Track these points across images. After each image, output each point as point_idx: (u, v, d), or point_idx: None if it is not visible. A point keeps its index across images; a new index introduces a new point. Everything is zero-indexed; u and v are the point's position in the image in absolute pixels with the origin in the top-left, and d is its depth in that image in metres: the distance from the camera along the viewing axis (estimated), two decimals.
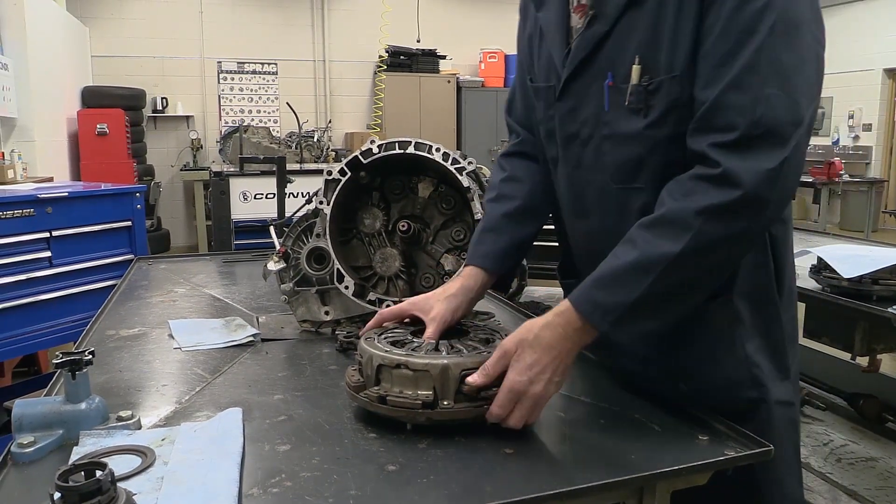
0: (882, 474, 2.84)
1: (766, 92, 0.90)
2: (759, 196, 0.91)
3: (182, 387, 1.18)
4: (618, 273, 0.96)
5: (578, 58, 1.08)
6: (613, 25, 1.03)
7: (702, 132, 0.95)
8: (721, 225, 0.93)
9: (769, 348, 1.09)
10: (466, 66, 10.13)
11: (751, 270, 1.07)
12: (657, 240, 0.95)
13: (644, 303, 0.95)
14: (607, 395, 1.13)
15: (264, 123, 8.96)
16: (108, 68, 8.51)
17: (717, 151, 0.93)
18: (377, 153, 1.44)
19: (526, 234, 1.28)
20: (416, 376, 0.96)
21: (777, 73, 0.91)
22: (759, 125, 0.90)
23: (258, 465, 0.88)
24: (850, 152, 10.48)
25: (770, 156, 0.91)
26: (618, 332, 0.97)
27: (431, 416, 0.95)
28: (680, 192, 0.96)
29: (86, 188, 3.28)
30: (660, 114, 1.00)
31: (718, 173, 0.92)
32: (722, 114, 0.93)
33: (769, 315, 1.09)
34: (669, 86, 0.99)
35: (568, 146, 1.15)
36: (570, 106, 1.12)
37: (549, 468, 0.89)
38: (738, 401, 1.07)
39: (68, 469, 0.70)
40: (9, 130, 5.72)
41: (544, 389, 0.96)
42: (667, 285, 0.95)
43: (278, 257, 1.49)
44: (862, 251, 2.27)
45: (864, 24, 10.08)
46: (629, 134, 1.04)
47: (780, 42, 0.91)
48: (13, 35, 5.70)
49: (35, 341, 2.82)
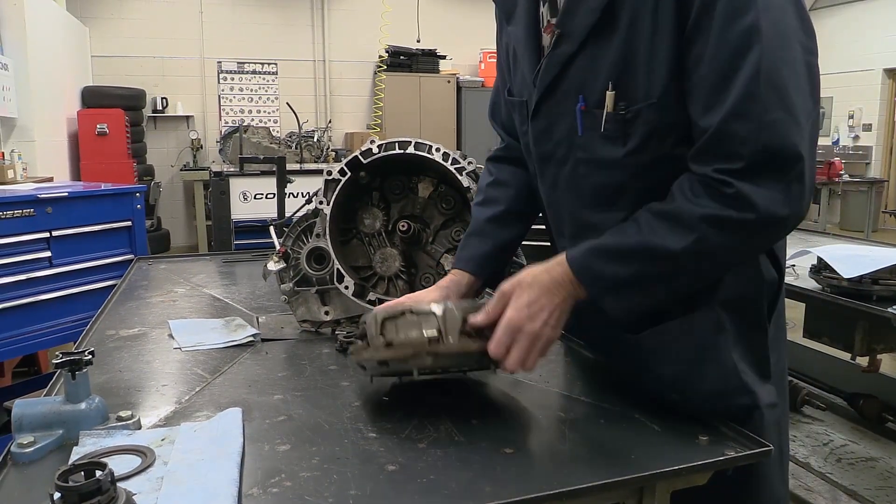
0: (882, 474, 2.84)
1: (769, 118, 0.89)
2: (773, 217, 0.92)
3: (182, 387, 1.18)
4: (618, 249, 0.99)
5: (548, 78, 1.07)
6: (580, 46, 1.02)
7: (706, 159, 0.94)
8: (725, 235, 0.94)
9: (751, 353, 1.08)
10: (466, 66, 10.12)
11: (737, 279, 1.06)
12: (662, 231, 0.96)
13: (635, 282, 0.98)
14: (607, 395, 1.13)
15: (264, 123, 8.96)
16: (108, 68, 8.51)
17: (726, 174, 0.92)
18: (377, 153, 1.44)
19: (510, 237, 1.29)
20: (420, 319, 0.98)
21: (776, 94, 0.90)
22: (766, 152, 0.90)
23: (258, 465, 0.88)
24: (850, 152, 10.48)
25: (780, 178, 0.90)
26: (606, 301, 1.00)
27: (437, 351, 0.96)
28: (692, 192, 0.95)
29: (86, 188, 3.27)
30: (640, 141, 1.00)
31: (732, 193, 0.91)
32: (726, 143, 0.92)
33: (753, 321, 1.09)
34: (647, 113, 0.98)
35: (544, 165, 1.15)
36: (544, 125, 1.11)
37: (549, 468, 0.89)
38: (731, 408, 1.06)
39: (68, 469, 0.70)
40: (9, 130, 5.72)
41: (541, 328, 0.99)
42: (660, 274, 0.98)
43: (278, 257, 1.49)
44: (862, 251, 2.27)
45: (864, 24, 10.08)
46: (608, 161, 1.04)
47: (774, 61, 0.90)
48: (13, 35, 5.70)
49: (35, 341, 2.82)
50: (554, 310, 1.00)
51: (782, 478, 1.18)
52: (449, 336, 0.97)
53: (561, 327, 1.02)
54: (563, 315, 1.01)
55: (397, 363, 0.99)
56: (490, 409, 1.11)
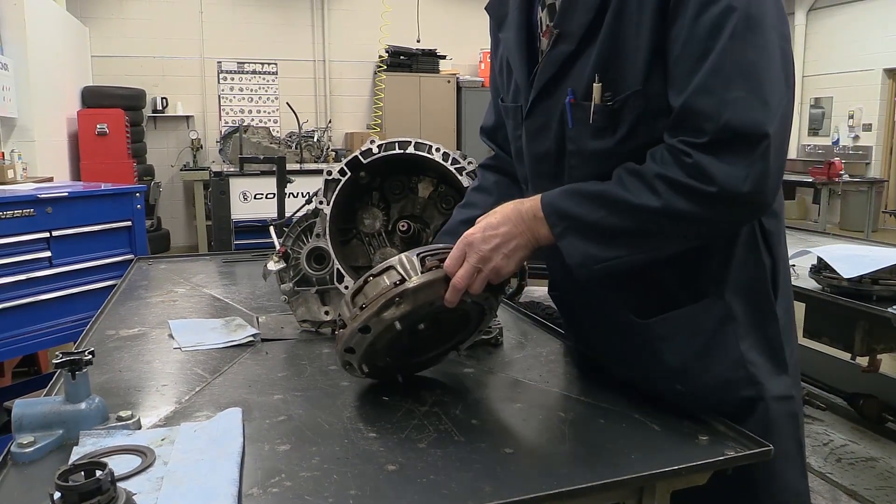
0: (882, 474, 2.84)
1: (731, 95, 0.91)
2: (732, 192, 0.92)
3: (182, 387, 1.18)
4: (588, 192, 1.01)
5: (545, 77, 1.08)
6: (578, 44, 1.03)
7: (673, 133, 0.96)
8: (687, 202, 0.94)
9: (764, 344, 1.09)
10: (466, 66, 10.12)
11: (744, 267, 1.07)
12: (632, 188, 0.97)
13: (597, 228, 0.99)
14: (607, 395, 1.13)
15: (264, 123, 8.96)
16: (108, 68, 8.51)
17: (689, 148, 0.93)
18: (377, 153, 1.44)
19: None
20: (383, 274, 1.02)
21: (742, 74, 0.91)
22: (727, 129, 0.91)
23: (258, 465, 0.88)
24: (850, 152, 10.48)
25: (742, 155, 0.91)
26: (565, 239, 1.01)
27: (405, 289, 0.99)
28: (662, 159, 0.97)
29: (86, 188, 3.28)
30: (628, 130, 1.02)
31: (691, 163, 0.93)
32: (690, 119, 0.94)
33: (764, 310, 1.09)
34: (634, 101, 1.00)
35: (538, 163, 1.16)
36: (539, 124, 1.13)
37: (549, 468, 0.89)
38: (734, 400, 1.07)
39: (68, 469, 0.70)
40: (9, 130, 5.72)
41: (491, 252, 1.02)
42: (624, 227, 0.98)
43: (278, 257, 1.49)
44: (862, 251, 2.28)
45: (864, 24, 10.08)
46: (599, 152, 1.05)
47: (745, 43, 0.91)
48: (13, 35, 5.70)
49: (35, 341, 2.82)
50: (510, 239, 1.02)
51: (801, 471, 1.17)
52: (411, 273, 1.01)
53: (515, 262, 1.03)
54: (519, 249, 1.03)
55: (376, 327, 1.01)
56: (490, 409, 1.11)
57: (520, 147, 1.19)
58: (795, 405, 1.13)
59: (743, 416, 1.06)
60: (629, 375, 1.17)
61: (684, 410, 1.04)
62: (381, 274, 1.03)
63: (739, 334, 1.07)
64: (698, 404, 1.05)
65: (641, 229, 0.99)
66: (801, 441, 1.17)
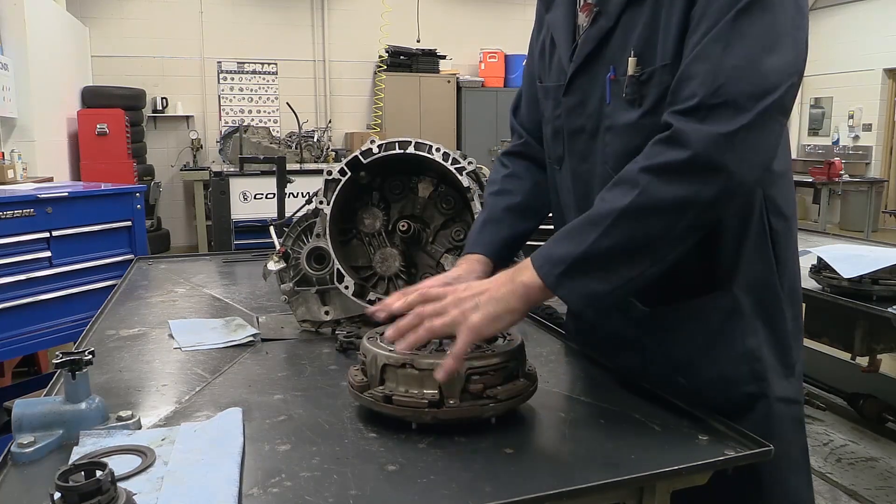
0: (882, 474, 2.84)
1: (728, 62, 0.91)
2: (709, 160, 0.90)
3: (182, 387, 1.18)
4: (571, 228, 0.99)
5: (583, 53, 1.10)
6: (617, 21, 1.05)
7: (669, 105, 0.97)
8: (667, 185, 0.92)
9: (773, 343, 1.09)
10: (466, 66, 10.13)
11: (753, 263, 1.07)
12: (610, 197, 0.96)
13: (591, 258, 0.94)
14: (607, 395, 1.13)
15: (264, 123, 8.97)
16: (108, 68, 8.52)
17: (676, 117, 0.94)
18: (377, 153, 1.44)
19: (524, 229, 1.30)
20: (422, 375, 0.96)
21: (744, 45, 0.92)
22: (718, 94, 0.91)
23: (258, 465, 0.88)
24: (850, 152, 10.48)
25: (726, 122, 0.90)
26: (563, 287, 0.95)
27: (437, 414, 0.95)
28: (641, 156, 0.97)
29: (86, 188, 3.28)
30: (653, 102, 1.02)
31: (669, 133, 0.93)
32: (686, 84, 0.95)
33: (773, 309, 1.09)
34: (660, 75, 1.01)
35: (574, 140, 1.16)
36: (576, 100, 1.14)
37: (549, 468, 0.89)
38: (736, 395, 1.07)
39: (68, 469, 0.70)
40: (9, 130, 5.72)
41: (471, 309, 0.95)
42: (613, 241, 0.94)
43: (278, 257, 1.49)
44: (862, 251, 2.27)
45: (864, 24, 10.08)
46: (627, 124, 1.06)
47: (752, 18, 0.92)
48: (13, 35, 5.70)
49: (35, 341, 2.82)
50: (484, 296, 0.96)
51: (807, 480, 1.16)
52: (450, 399, 0.95)
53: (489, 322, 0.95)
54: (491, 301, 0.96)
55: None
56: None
57: (559, 126, 1.20)
58: (800, 411, 1.13)
59: (744, 413, 1.06)
60: (630, 367, 1.17)
61: (684, 410, 1.04)
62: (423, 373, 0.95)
63: (746, 330, 1.07)
64: (699, 399, 1.05)
65: (634, 239, 0.94)
66: (806, 450, 1.16)
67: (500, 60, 10.05)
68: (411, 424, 0.96)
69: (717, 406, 1.04)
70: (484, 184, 1.47)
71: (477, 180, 1.45)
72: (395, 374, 0.97)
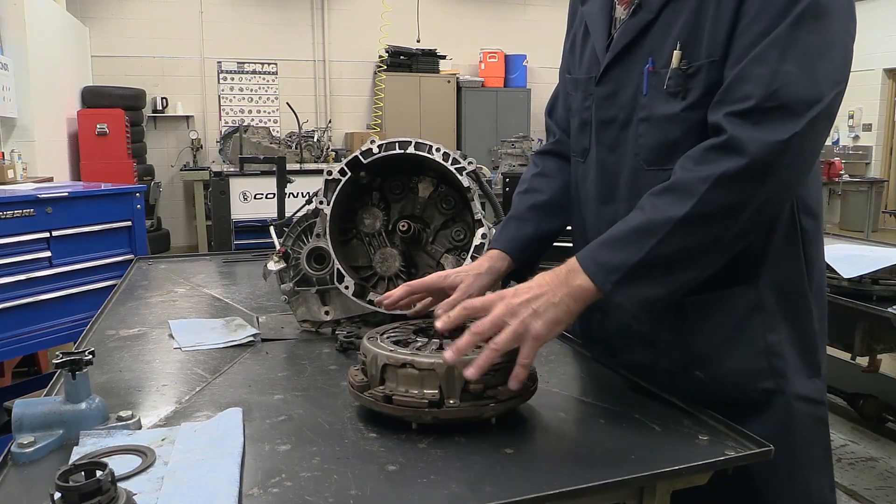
0: (882, 474, 2.84)
1: (784, 68, 0.93)
2: (764, 166, 0.93)
3: (182, 387, 1.18)
4: (624, 235, 0.98)
5: (621, 44, 1.11)
6: (658, 13, 1.06)
7: (720, 104, 0.98)
8: (724, 192, 0.94)
9: (797, 341, 1.09)
10: (466, 66, 10.13)
11: (780, 260, 1.07)
12: (664, 205, 0.97)
13: (648, 265, 0.96)
14: (607, 394, 1.13)
15: (264, 123, 8.97)
16: (108, 68, 8.52)
17: (730, 120, 0.95)
18: (377, 153, 1.44)
19: (550, 228, 1.31)
20: (422, 375, 0.96)
21: (800, 53, 0.93)
22: (774, 98, 0.93)
23: (258, 465, 0.88)
24: (850, 152, 10.48)
25: (780, 128, 0.92)
26: (620, 294, 0.97)
27: (438, 415, 0.95)
28: (690, 161, 0.98)
29: (86, 188, 3.28)
30: (698, 96, 1.03)
31: (725, 140, 0.94)
32: (741, 85, 0.95)
33: (799, 307, 1.09)
34: (709, 70, 1.01)
35: (603, 131, 1.17)
36: (609, 91, 1.14)
37: (549, 468, 0.89)
38: (752, 391, 1.06)
39: (68, 469, 0.70)
40: (9, 130, 5.72)
41: (530, 317, 0.94)
42: (670, 249, 0.96)
43: (278, 257, 1.49)
44: (862, 251, 2.28)
45: (865, 24, 10.04)
46: (666, 116, 1.06)
47: (809, 26, 0.94)
48: (13, 35, 5.70)
49: (35, 341, 2.82)
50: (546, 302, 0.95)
51: (829, 484, 1.15)
52: (450, 399, 0.95)
53: (547, 321, 0.95)
54: (549, 306, 0.96)
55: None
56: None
57: (587, 117, 1.21)
58: (823, 411, 1.12)
59: (761, 409, 1.06)
60: (638, 363, 1.16)
61: (684, 410, 1.04)
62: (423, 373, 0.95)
63: (768, 326, 1.07)
64: (714, 394, 1.04)
65: (690, 246, 0.96)
66: (829, 451, 1.15)
67: (500, 60, 10.05)
68: (411, 424, 0.96)
69: (733, 400, 1.04)
70: (484, 184, 1.47)
71: (477, 180, 1.45)
72: (396, 374, 0.97)
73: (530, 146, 6.28)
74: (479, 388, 0.96)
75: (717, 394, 1.06)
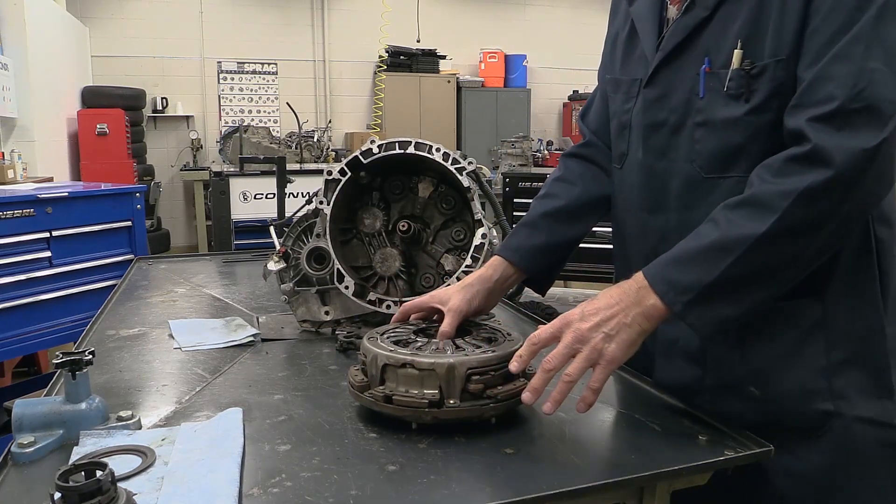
0: None
1: (870, 65, 0.87)
2: (851, 177, 0.87)
3: (182, 387, 1.18)
4: (697, 252, 0.93)
5: (672, 43, 1.05)
6: (714, 11, 1.01)
7: (800, 108, 0.92)
8: (808, 208, 0.88)
9: (864, 360, 1.00)
10: (466, 66, 10.12)
11: (850, 272, 1.00)
12: (741, 220, 0.91)
13: (722, 285, 0.91)
14: (607, 395, 1.12)
15: (264, 123, 8.96)
16: (108, 68, 8.51)
17: (813, 126, 0.89)
18: (377, 153, 1.44)
19: (565, 235, 1.25)
20: (422, 375, 0.96)
21: (884, 49, 0.88)
22: (860, 98, 0.87)
23: (258, 465, 0.88)
24: None
25: (867, 134, 0.87)
26: (691, 315, 0.92)
27: (438, 415, 0.95)
28: (769, 173, 0.92)
29: (86, 188, 3.28)
30: (763, 98, 0.97)
31: (808, 150, 0.88)
32: (823, 85, 0.90)
33: (869, 323, 1.01)
34: (775, 69, 0.95)
35: (651, 135, 1.10)
36: (659, 93, 1.08)
37: (549, 468, 0.89)
38: (809, 412, 1.00)
39: (68, 469, 0.70)
40: (9, 130, 5.72)
41: (590, 331, 0.91)
42: (747, 268, 0.91)
43: (278, 257, 1.49)
44: None
45: None
46: (728, 120, 1.00)
47: (890, 21, 0.89)
48: (13, 35, 5.70)
49: (35, 341, 2.82)
50: (611, 317, 0.92)
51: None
52: (450, 399, 0.95)
53: (621, 344, 0.91)
54: (622, 327, 0.91)
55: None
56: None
57: (627, 120, 1.15)
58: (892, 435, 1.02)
59: (815, 432, 1.00)
60: (683, 379, 1.09)
61: (684, 410, 1.04)
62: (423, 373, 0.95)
63: (830, 342, 0.99)
64: (765, 414, 1.00)
65: (769, 264, 0.91)
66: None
67: (500, 60, 10.05)
68: (411, 424, 0.96)
69: (789, 421, 0.99)
70: (484, 184, 1.47)
71: (477, 180, 1.45)
72: (396, 374, 0.97)
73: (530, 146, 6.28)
74: (478, 388, 0.96)
75: (768, 414, 1.01)
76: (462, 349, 1.01)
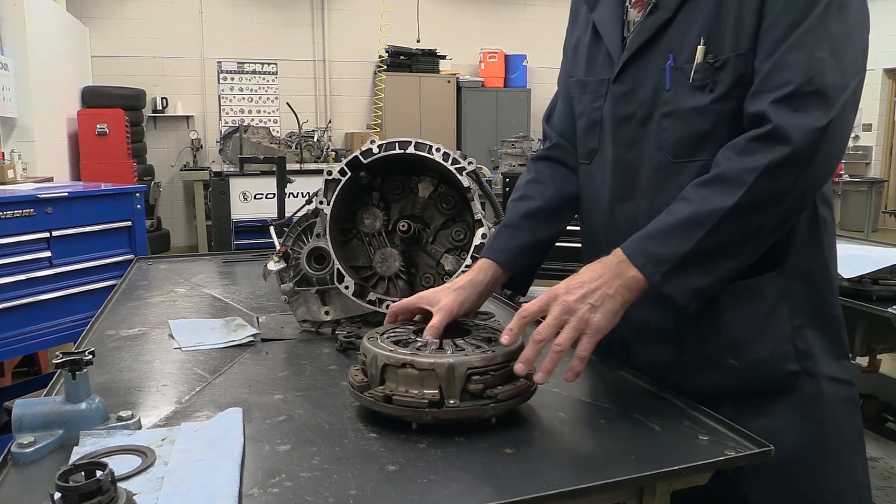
0: (882, 474, 2.84)
1: (817, 55, 0.97)
2: (806, 154, 0.96)
3: (182, 387, 1.18)
4: (672, 226, 1.01)
5: (638, 43, 1.13)
6: (676, 12, 1.09)
7: (761, 93, 1.01)
8: (771, 181, 0.97)
9: (824, 324, 1.12)
10: (466, 66, 10.13)
11: (804, 247, 1.10)
12: (711, 195, 0.99)
13: (697, 256, 0.99)
14: (607, 394, 1.13)
15: (264, 123, 8.97)
16: (108, 68, 8.52)
17: (774, 107, 0.98)
18: (377, 153, 1.44)
19: (544, 235, 1.30)
20: (422, 375, 0.96)
21: (828, 40, 0.98)
22: (811, 83, 0.97)
23: (258, 465, 0.88)
24: (850, 152, 10.47)
25: (818, 114, 0.96)
26: (669, 285, 0.99)
27: (438, 415, 0.95)
28: (734, 152, 1.01)
29: (86, 188, 3.28)
30: (726, 89, 1.06)
31: (769, 130, 0.98)
32: (780, 72, 0.99)
33: (823, 293, 1.12)
34: (735, 62, 1.05)
35: (620, 128, 1.18)
36: (627, 88, 1.16)
37: (549, 468, 0.89)
38: (779, 374, 1.09)
39: (68, 469, 0.70)
40: (9, 130, 5.72)
41: (588, 312, 0.98)
42: (719, 239, 0.99)
43: (278, 257, 1.49)
44: (862, 251, 2.27)
45: None
46: (695, 109, 1.09)
47: (834, 17, 0.99)
48: (13, 35, 5.70)
49: (35, 341, 2.82)
50: (595, 289, 0.99)
51: (864, 466, 1.17)
52: (450, 399, 0.95)
53: (606, 313, 0.98)
54: (606, 298, 0.98)
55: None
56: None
57: (597, 117, 1.22)
58: (854, 392, 1.14)
59: (791, 391, 1.09)
60: (659, 359, 1.16)
61: (684, 410, 1.04)
62: (423, 373, 0.95)
63: (792, 310, 1.09)
64: (739, 381, 1.08)
65: (739, 235, 1.00)
66: (862, 432, 1.17)
67: (500, 60, 10.05)
68: (411, 424, 0.96)
69: (764, 385, 1.08)
70: (484, 184, 1.47)
71: (477, 180, 1.45)
72: (396, 374, 0.97)
73: (530, 146, 6.28)
74: (478, 388, 0.96)
75: (743, 381, 1.09)
76: (462, 349, 1.01)
